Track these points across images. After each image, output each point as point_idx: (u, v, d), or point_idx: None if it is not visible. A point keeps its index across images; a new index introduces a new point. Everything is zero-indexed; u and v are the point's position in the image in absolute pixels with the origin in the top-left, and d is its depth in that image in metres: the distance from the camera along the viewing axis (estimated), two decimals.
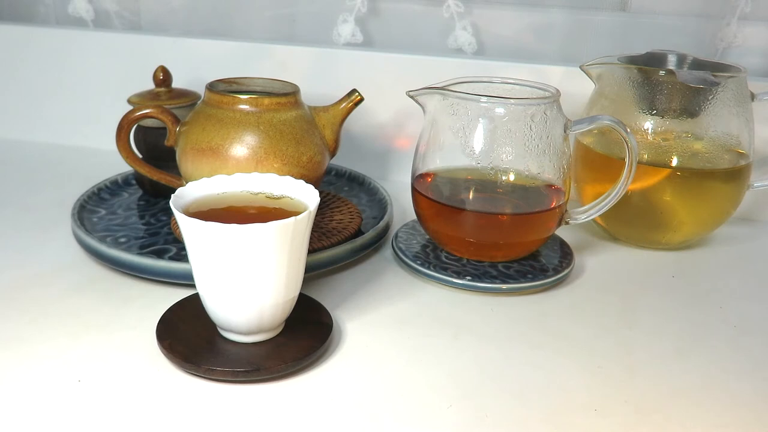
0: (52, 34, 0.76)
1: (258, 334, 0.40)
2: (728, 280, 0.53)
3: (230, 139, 0.48)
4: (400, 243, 0.54)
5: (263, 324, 0.39)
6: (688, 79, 0.51)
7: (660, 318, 0.47)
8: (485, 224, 0.50)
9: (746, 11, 0.67)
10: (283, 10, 0.78)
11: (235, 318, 0.38)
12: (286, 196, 0.42)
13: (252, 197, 0.42)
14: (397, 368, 0.40)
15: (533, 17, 0.72)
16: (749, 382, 0.40)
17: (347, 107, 0.53)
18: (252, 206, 0.41)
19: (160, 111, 0.51)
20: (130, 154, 0.53)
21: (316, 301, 0.44)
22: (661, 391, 0.39)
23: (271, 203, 0.41)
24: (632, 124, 0.54)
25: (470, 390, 0.38)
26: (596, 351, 0.42)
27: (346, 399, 0.37)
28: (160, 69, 0.62)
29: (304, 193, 0.41)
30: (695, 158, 0.55)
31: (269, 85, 0.55)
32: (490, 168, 0.49)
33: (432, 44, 0.74)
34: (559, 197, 0.50)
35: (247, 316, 0.38)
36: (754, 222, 0.65)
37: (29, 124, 0.80)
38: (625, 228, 0.58)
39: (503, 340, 0.43)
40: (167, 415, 0.35)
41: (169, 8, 0.81)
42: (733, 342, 0.44)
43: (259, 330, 0.39)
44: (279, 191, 0.42)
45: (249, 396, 0.37)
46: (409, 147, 0.69)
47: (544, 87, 0.50)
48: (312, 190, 0.41)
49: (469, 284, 0.48)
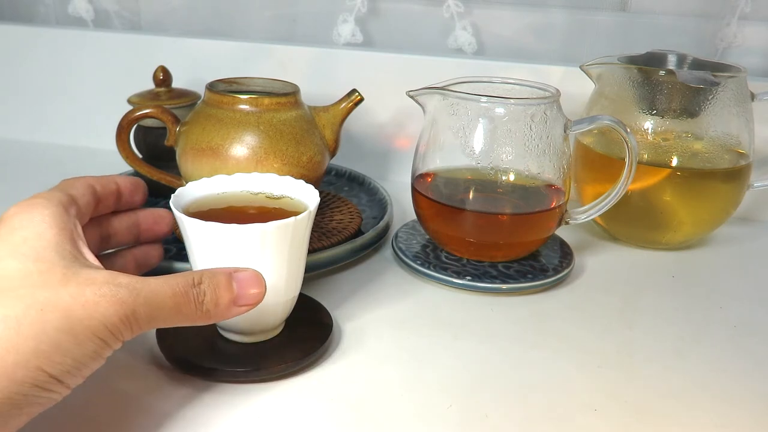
0: (52, 34, 0.76)
1: (258, 334, 0.40)
2: (728, 280, 0.53)
3: (230, 139, 0.48)
4: (400, 243, 0.54)
5: (263, 324, 0.39)
6: (688, 79, 0.51)
7: (660, 318, 0.47)
8: (485, 224, 0.50)
9: (746, 11, 0.67)
10: (283, 10, 0.78)
11: (235, 318, 0.38)
12: (286, 196, 0.42)
13: (252, 197, 0.42)
14: (397, 368, 0.40)
15: (533, 17, 0.72)
16: (749, 382, 0.40)
17: (347, 107, 0.53)
18: (252, 206, 0.41)
19: (160, 111, 0.51)
20: (130, 154, 0.53)
21: (316, 301, 0.44)
22: (661, 391, 0.39)
23: (271, 203, 0.41)
24: (632, 124, 0.54)
25: (470, 390, 0.38)
26: (596, 351, 0.42)
27: (346, 399, 0.37)
28: (160, 69, 0.62)
29: (304, 193, 0.41)
30: (695, 158, 0.55)
31: (269, 85, 0.55)
32: (490, 168, 0.49)
33: (432, 44, 0.74)
34: (559, 197, 0.50)
35: (247, 316, 0.38)
36: (754, 222, 0.65)
37: (29, 124, 0.80)
38: (625, 228, 0.58)
39: (503, 340, 0.43)
40: (167, 415, 0.35)
41: (169, 8, 0.81)
42: (733, 342, 0.44)
43: (259, 330, 0.39)
44: (279, 191, 0.42)
45: (249, 396, 0.37)
46: (409, 147, 0.69)
47: (544, 87, 0.50)
48: (312, 190, 0.41)
49: (469, 284, 0.48)
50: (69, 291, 0.28)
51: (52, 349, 0.26)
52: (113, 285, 0.29)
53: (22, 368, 0.26)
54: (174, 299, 0.30)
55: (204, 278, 0.32)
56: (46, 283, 0.28)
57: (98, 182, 0.37)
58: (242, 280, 0.33)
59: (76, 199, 0.34)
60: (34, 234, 0.29)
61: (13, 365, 0.26)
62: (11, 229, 0.30)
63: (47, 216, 0.31)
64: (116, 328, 0.29)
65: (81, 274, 0.29)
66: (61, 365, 0.27)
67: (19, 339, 0.26)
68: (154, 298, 0.30)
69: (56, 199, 0.32)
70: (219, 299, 0.32)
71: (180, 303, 0.31)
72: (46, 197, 0.32)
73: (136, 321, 0.29)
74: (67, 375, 0.28)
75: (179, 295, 0.30)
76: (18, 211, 0.31)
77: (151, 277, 0.30)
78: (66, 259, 0.29)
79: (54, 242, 0.30)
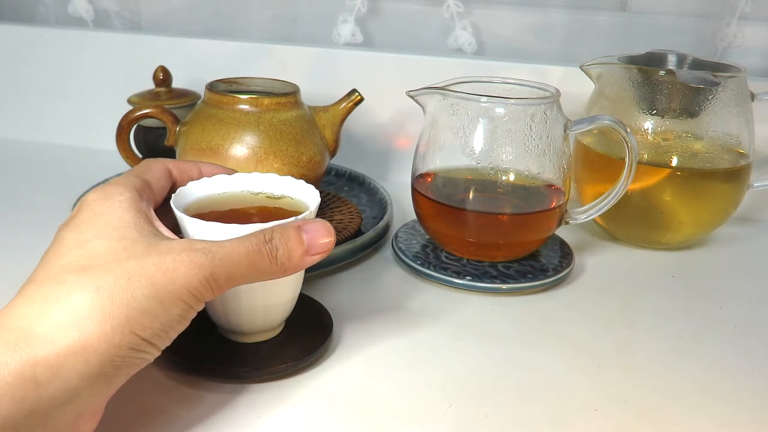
0: (52, 34, 0.76)
1: (258, 334, 0.40)
2: (728, 280, 0.53)
3: (230, 139, 0.48)
4: (400, 243, 0.54)
5: (263, 324, 0.39)
6: (688, 79, 0.51)
7: (660, 318, 0.47)
8: (485, 224, 0.50)
9: (746, 11, 0.67)
10: (283, 10, 0.78)
11: (236, 318, 0.38)
12: (287, 195, 0.42)
13: (252, 197, 0.42)
14: (397, 368, 0.40)
15: (533, 17, 0.72)
16: (749, 382, 0.40)
17: (347, 107, 0.53)
18: (252, 206, 0.41)
19: (160, 111, 0.51)
20: (130, 154, 0.53)
21: (316, 301, 0.44)
22: (661, 391, 0.39)
23: (271, 203, 0.41)
24: (632, 124, 0.54)
25: (470, 390, 0.38)
26: (596, 351, 0.42)
27: (346, 399, 0.37)
28: (160, 69, 0.62)
29: (305, 193, 0.41)
30: (695, 158, 0.55)
31: (269, 85, 0.55)
32: (490, 168, 0.49)
33: (432, 44, 0.74)
34: (559, 197, 0.50)
35: (247, 316, 0.38)
36: (754, 222, 0.65)
37: (29, 124, 0.80)
38: (625, 228, 0.58)
39: (503, 340, 0.43)
40: (167, 414, 0.35)
41: (169, 8, 0.81)
42: (733, 342, 0.44)
43: (259, 330, 0.39)
44: (280, 191, 0.42)
45: (249, 396, 0.37)
46: (409, 147, 0.69)
47: (544, 87, 0.50)
48: (312, 190, 0.41)
49: (469, 284, 0.48)
50: (152, 260, 0.30)
51: (141, 315, 0.29)
52: (190, 251, 0.31)
53: (118, 333, 0.28)
54: (248, 257, 0.32)
55: (275, 234, 0.33)
56: (131, 256, 0.30)
57: (177, 167, 0.39)
58: (311, 231, 0.34)
59: (150, 183, 0.36)
60: (115, 218, 0.32)
61: (111, 331, 0.28)
62: (94, 214, 0.32)
63: (123, 202, 0.33)
64: (197, 291, 0.30)
65: (161, 245, 0.31)
66: (150, 329, 0.29)
67: (113, 307, 0.28)
68: (229, 258, 0.31)
69: (131, 185, 0.34)
70: (291, 252, 0.33)
71: (255, 260, 0.32)
72: (122, 183, 0.34)
73: (215, 281, 0.31)
74: (156, 337, 0.30)
75: (253, 253, 0.32)
76: (97, 198, 0.33)
77: (225, 240, 0.32)
78: (146, 236, 0.32)
79: (133, 223, 0.32)
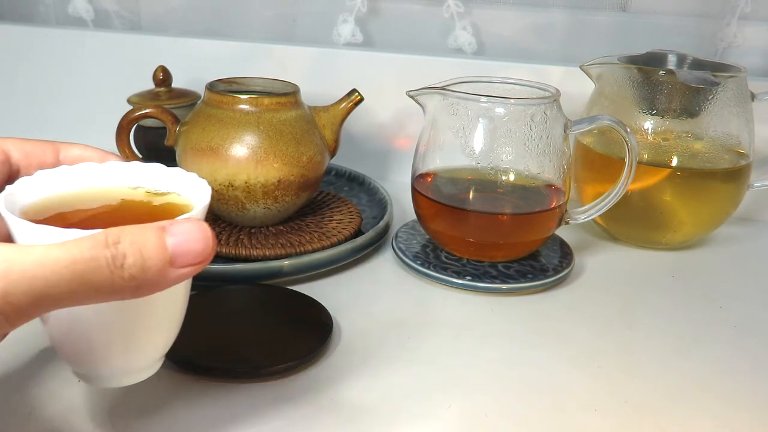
0: (52, 34, 0.76)
1: (119, 376, 0.30)
2: (728, 280, 0.53)
3: (230, 139, 0.48)
4: (400, 243, 0.54)
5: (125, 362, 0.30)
6: (688, 79, 0.51)
7: (660, 318, 0.47)
8: (485, 224, 0.50)
9: (746, 11, 0.67)
10: (283, 10, 0.78)
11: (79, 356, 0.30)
12: (174, 192, 0.33)
13: (130, 192, 0.33)
14: (396, 368, 0.40)
15: (533, 17, 0.72)
16: (749, 382, 0.40)
17: (347, 107, 0.53)
18: (125, 204, 0.32)
19: (160, 111, 0.51)
20: (130, 154, 0.53)
21: (316, 301, 0.44)
22: (661, 391, 0.39)
23: (152, 201, 0.32)
24: (632, 124, 0.54)
25: (470, 390, 0.38)
26: (596, 351, 0.42)
27: (346, 399, 0.37)
28: (160, 69, 0.62)
29: (194, 189, 0.32)
30: (695, 158, 0.55)
31: (269, 85, 0.55)
32: (490, 168, 0.49)
33: (432, 44, 0.74)
34: (559, 197, 0.50)
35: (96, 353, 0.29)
36: (754, 222, 0.65)
37: (29, 124, 0.79)
38: (625, 228, 0.58)
39: (503, 340, 0.43)
40: (167, 414, 0.35)
41: (169, 8, 0.81)
42: (733, 342, 0.44)
43: (120, 370, 0.30)
44: (165, 186, 0.33)
45: (249, 396, 0.37)
46: (409, 147, 0.69)
47: (544, 87, 0.50)
48: (205, 185, 0.31)
49: (469, 284, 0.48)
50: None
51: None
52: None
53: None
54: (73, 267, 0.22)
55: (124, 236, 0.23)
56: None
57: (20, 148, 0.31)
58: (180, 234, 0.24)
59: None
60: None
61: None
62: None
63: None
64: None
65: None
66: None
67: None
68: (38, 269, 0.21)
69: None
70: (147, 261, 0.23)
71: (84, 272, 0.22)
72: None
73: (9, 304, 0.21)
74: None
75: (82, 262, 0.22)
76: None
77: (39, 245, 0.22)
78: None
79: None
